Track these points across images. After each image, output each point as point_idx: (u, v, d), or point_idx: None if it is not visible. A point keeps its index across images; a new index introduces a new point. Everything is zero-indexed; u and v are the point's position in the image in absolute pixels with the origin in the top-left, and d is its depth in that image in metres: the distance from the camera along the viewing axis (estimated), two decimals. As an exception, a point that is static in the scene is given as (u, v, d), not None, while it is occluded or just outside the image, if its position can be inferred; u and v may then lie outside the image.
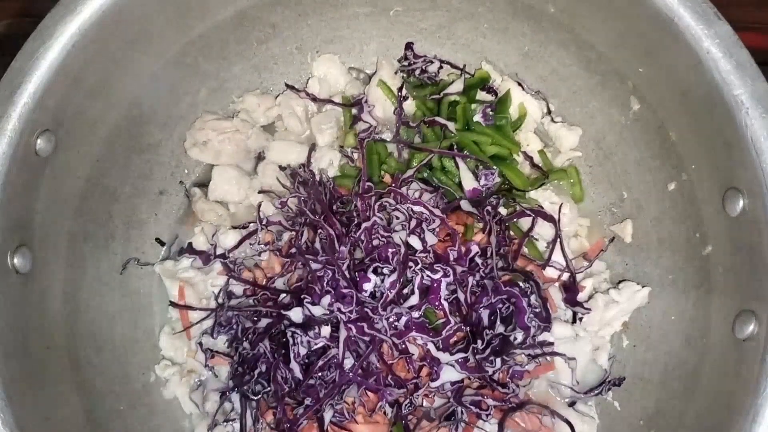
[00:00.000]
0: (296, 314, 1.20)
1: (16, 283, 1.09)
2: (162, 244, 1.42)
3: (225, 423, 1.28)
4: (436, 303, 1.21)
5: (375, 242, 1.23)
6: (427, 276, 1.21)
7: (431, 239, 1.24)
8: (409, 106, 1.45)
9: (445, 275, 1.21)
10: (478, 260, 1.26)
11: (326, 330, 1.17)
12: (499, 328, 1.24)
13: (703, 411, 1.13)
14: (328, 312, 1.18)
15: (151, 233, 1.41)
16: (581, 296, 1.34)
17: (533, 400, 1.27)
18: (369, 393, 1.22)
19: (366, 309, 1.18)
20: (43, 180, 1.14)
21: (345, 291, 1.19)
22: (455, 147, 1.37)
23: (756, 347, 1.02)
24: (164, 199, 1.43)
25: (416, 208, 1.25)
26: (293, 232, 1.34)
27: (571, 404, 1.32)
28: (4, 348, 1.04)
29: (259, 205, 1.37)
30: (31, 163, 1.10)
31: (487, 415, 1.22)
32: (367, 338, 1.18)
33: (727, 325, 1.10)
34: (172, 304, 1.36)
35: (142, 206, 1.39)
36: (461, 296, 1.23)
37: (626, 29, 1.22)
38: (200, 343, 1.33)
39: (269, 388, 1.21)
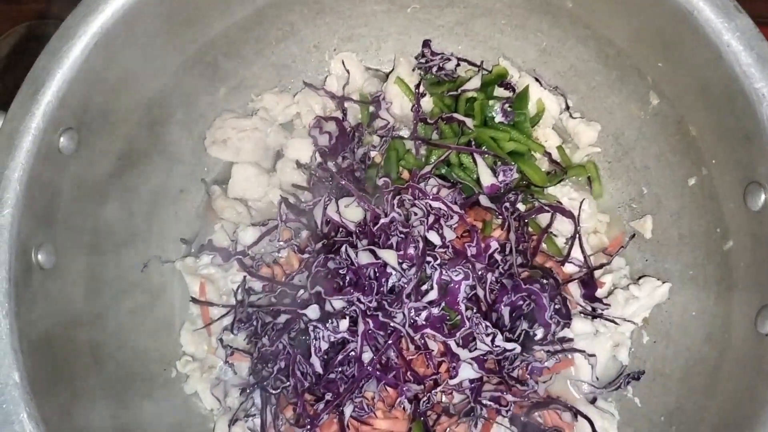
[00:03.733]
0: (313, 311, 1.20)
1: (40, 279, 1.11)
2: (186, 243, 1.44)
3: (246, 418, 1.29)
4: (455, 306, 1.21)
5: (394, 239, 1.24)
6: (446, 274, 1.21)
7: (450, 235, 1.24)
8: (427, 103, 1.45)
9: (466, 277, 1.21)
10: (498, 257, 1.26)
11: (344, 323, 1.17)
12: (523, 325, 1.24)
13: (725, 407, 1.13)
14: (347, 304, 1.19)
15: (171, 230, 1.42)
16: (600, 292, 1.33)
17: (555, 398, 1.27)
18: (388, 388, 1.22)
19: (384, 301, 1.18)
20: (67, 177, 1.15)
21: (365, 282, 1.19)
22: (473, 143, 1.37)
23: (779, 342, 1.02)
24: (184, 197, 1.45)
25: (434, 204, 1.25)
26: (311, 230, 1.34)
27: (592, 401, 1.32)
28: (28, 343, 1.05)
29: (280, 203, 1.37)
30: (54, 161, 1.12)
31: (507, 411, 1.22)
32: (385, 332, 1.18)
33: (750, 320, 1.09)
34: (193, 300, 1.37)
35: (163, 204, 1.41)
36: (480, 293, 1.23)
37: (645, 24, 1.22)
38: (221, 340, 1.34)
39: (289, 383, 1.22)
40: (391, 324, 1.17)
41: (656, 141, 1.33)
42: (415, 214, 1.26)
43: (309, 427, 1.21)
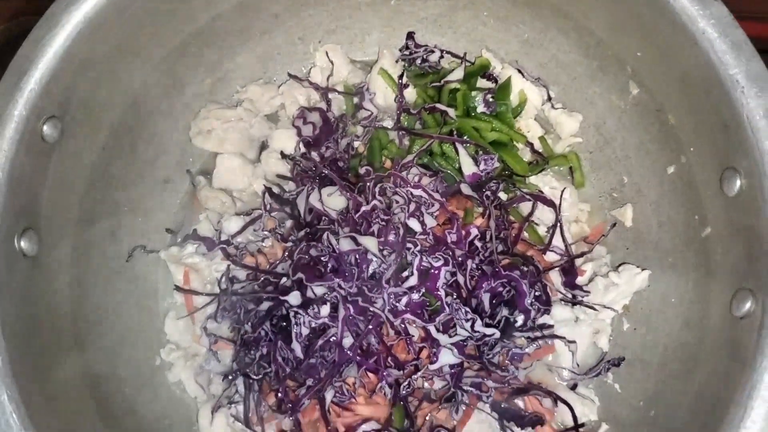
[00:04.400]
0: (295, 298, 1.21)
1: (24, 266, 1.12)
2: (171, 233, 1.44)
3: (229, 405, 1.30)
4: (435, 291, 1.22)
5: (375, 226, 1.25)
6: (427, 260, 1.22)
7: (430, 222, 1.25)
8: (410, 94, 1.46)
9: (446, 263, 1.22)
10: (478, 243, 1.27)
11: (325, 309, 1.18)
12: (503, 311, 1.25)
13: (702, 390, 1.13)
14: (328, 290, 1.20)
15: (156, 220, 1.43)
16: (581, 280, 1.34)
17: (536, 384, 1.28)
18: (369, 374, 1.23)
19: (365, 287, 1.19)
20: (50, 165, 1.16)
21: (346, 269, 1.20)
22: (455, 133, 1.38)
23: (752, 324, 1.02)
24: (170, 187, 1.46)
25: (416, 192, 1.26)
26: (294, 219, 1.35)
27: (573, 387, 1.33)
28: (11, 329, 1.06)
29: (264, 192, 1.38)
30: (38, 149, 1.13)
31: (488, 397, 1.23)
32: (365, 318, 1.19)
33: (725, 304, 1.10)
34: (177, 288, 1.38)
35: (148, 194, 1.42)
36: (461, 279, 1.24)
37: (624, 13, 1.23)
38: (205, 328, 1.35)
39: (270, 369, 1.23)
40: (371, 309, 1.18)
41: (636, 130, 1.35)
42: (397, 201, 1.27)
43: (290, 412, 1.21)
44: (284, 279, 1.27)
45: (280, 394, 1.23)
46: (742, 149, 1.06)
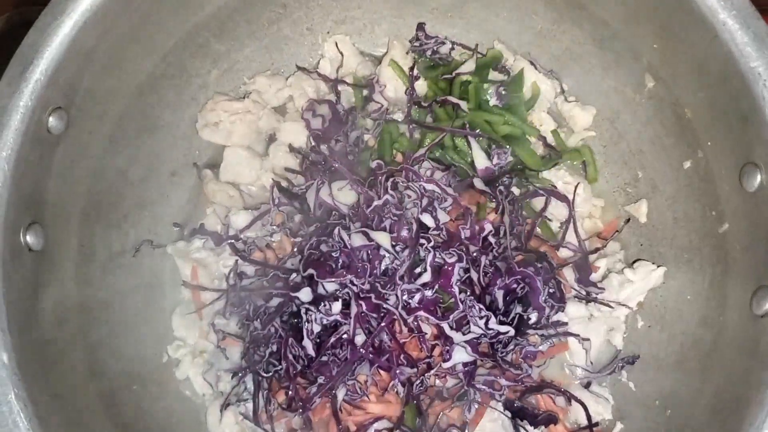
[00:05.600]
0: (305, 294, 1.19)
1: (29, 260, 1.09)
2: (179, 227, 1.42)
3: (238, 403, 1.28)
4: (449, 288, 1.20)
5: (387, 222, 1.23)
6: (440, 256, 1.20)
7: (443, 217, 1.23)
8: (421, 86, 1.44)
9: (459, 260, 1.20)
10: (492, 239, 1.25)
11: (337, 306, 1.16)
12: (517, 309, 1.23)
13: (720, 390, 1.12)
14: (340, 287, 1.18)
15: (163, 214, 1.41)
16: (595, 276, 1.33)
17: (549, 383, 1.26)
18: (381, 372, 1.21)
19: (377, 283, 1.17)
20: (56, 158, 1.14)
21: (358, 265, 1.18)
22: (467, 126, 1.36)
23: (774, 322, 1.01)
24: (176, 180, 1.43)
25: (428, 186, 1.24)
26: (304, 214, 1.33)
27: (586, 386, 1.31)
28: (17, 324, 1.04)
29: (272, 186, 1.36)
30: (43, 141, 1.10)
31: (500, 395, 1.22)
32: (378, 315, 1.17)
33: (745, 302, 1.09)
34: (185, 284, 1.35)
35: (154, 187, 1.39)
36: (474, 276, 1.22)
37: (640, 4, 1.21)
38: (213, 324, 1.33)
39: (281, 367, 1.20)
40: (384, 306, 1.16)
41: (651, 124, 1.32)
42: (409, 196, 1.25)
43: (301, 411, 1.20)
44: (294, 275, 1.25)
45: (290, 392, 1.20)
46: (763, 144, 1.05)
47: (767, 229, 1.06)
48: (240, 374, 1.26)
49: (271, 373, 1.22)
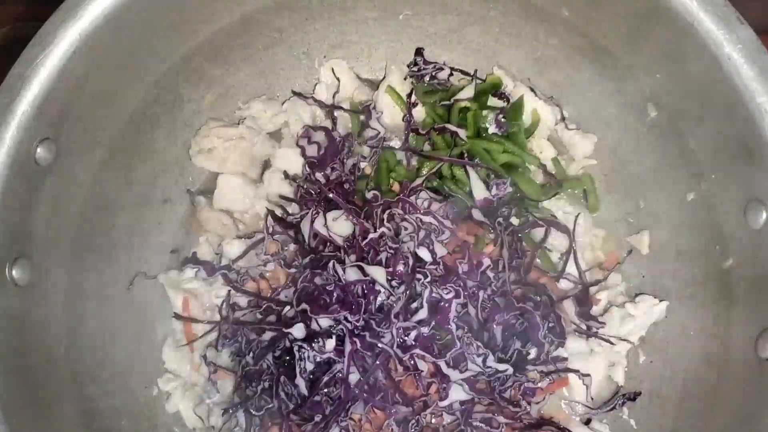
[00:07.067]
0: (299, 330, 1.16)
1: (15, 296, 1.07)
2: (175, 252, 1.40)
3: (229, 438, 1.25)
4: (446, 325, 1.17)
5: (383, 255, 1.20)
6: (437, 292, 1.17)
7: (441, 251, 1.20)
8: (419, 112, 1.41)
9: (457, 295, 1.17)
10: (490, 274, 1.22)
11: (331, 343, 1.13)
12: (516, 344, 1.20)
13: (724, 431, 1.09)
14: (334, 323, 1.15)
15: (155, 242, 1.38)
16: (596, 310, 1.30)
17: (548, 420, 1.23)
18: (376, 410, 1.18)
19: (372, 320, 1.14)
20: (44, 189, 1.11)
21: (353, 300, 1.15)
22: (466, 155, 1.33)
23: (781, 367, 0.98)
24: (168, 208, 1.41)
25: (425, 219, 1.21)
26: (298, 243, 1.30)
27: (586, 422, 1.28)
28: (2, 364, 1.02)
29: (266, 215, 1.33)
30: (30, 173, 1.08)
31: (498, 433, 1.19)
32: (373, 352, 1.14)
33: (750, 342, 1.07)
34: (176, 316, 1.32)
35: (146, 215, 1.37)
36: (472, 311, 1.19)
37: (643, 33, 1.18)
38: (204, 356, 1.30)
39: (273, 405, 1.18)
40: (379, 345, 1.13)
41: (654, 154, 1.29)
42: (405, 228, 1.22)
43: (294, 449, 1.17)
44: (287, 308, 1.22)
45: (283, 430, 1.17)
46: (769, 182, 1.02)
47: (774, 269, 1.04)
48: (231, 410, 1.23)
49: (263, 411, 1.19)
